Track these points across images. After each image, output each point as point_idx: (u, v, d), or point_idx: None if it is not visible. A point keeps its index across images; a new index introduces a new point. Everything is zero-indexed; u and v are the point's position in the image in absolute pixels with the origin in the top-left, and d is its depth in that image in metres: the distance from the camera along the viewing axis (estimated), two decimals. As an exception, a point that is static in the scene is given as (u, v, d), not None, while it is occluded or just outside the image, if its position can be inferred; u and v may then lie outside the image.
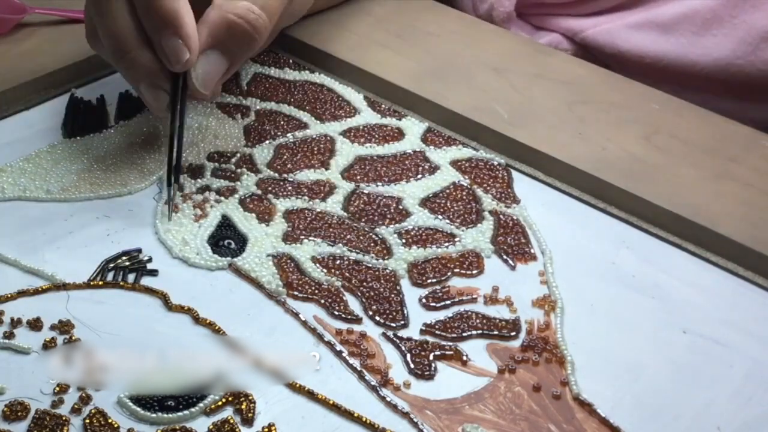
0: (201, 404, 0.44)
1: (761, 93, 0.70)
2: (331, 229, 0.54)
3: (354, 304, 0.50)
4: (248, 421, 0.44)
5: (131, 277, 0.51)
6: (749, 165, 0.59)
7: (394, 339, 0.48)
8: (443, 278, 0.52)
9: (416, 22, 0.71)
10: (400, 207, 0.56)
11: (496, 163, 0.60)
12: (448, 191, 0.58)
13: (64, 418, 0.43)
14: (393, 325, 0.49)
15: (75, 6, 0.70)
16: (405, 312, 0.50)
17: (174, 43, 0.53)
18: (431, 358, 0.47)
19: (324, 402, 0.45)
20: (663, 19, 0.72)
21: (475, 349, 0.48)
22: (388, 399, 0.45)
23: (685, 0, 0.72)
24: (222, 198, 0.56)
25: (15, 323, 0.48)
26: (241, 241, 0.53)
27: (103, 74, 0.66)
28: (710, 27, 0.70)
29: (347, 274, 0.52)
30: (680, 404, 0.45)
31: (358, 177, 0.58)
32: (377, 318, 0.49)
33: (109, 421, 0.43)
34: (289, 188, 0.57)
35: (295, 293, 0.50)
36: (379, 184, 0.58)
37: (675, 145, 0.60)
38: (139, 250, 0.52)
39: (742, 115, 0.64)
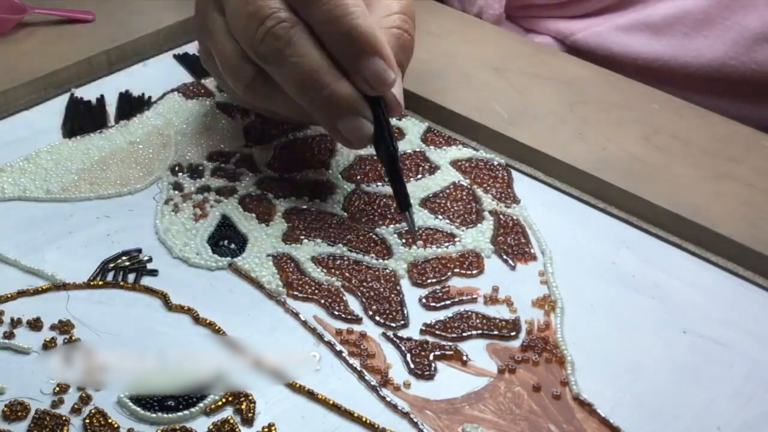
0: (201, 404, 0.44)
1: (755, 94, 0.70)
2: (331, 229, 0.54)
3: (354, 304, 0.50)
4: (248, 421, 0.44)
5: (131, 277, 0.51)
6: (749, 165, 0.59)
7: (394, 339, 0.48)
8: (443, 278, 0.52)
9: (416, 22, 0.71)
10: (400, 207, 0.56)
11: (496, 163, 0.60)
12: (448, 191, 0.58)
13: (64, 418, 0.43)
14: (393, 325, 0.49)
15: (75, 6, 0.70)
16: (405, 312, 0.50)
17: (378, 65, 0.51)
18: (431, 358, 0.47)
19: (324, 402, 0.45)
20: (653, 20, 0.72)
21: (475, 349, 0.48)
22: (388, 399, 0.45)
23: (676, 1, 0.72)
24: (222, 198, 0.56)
25: (15, 323, 0.48)
26: (241, 241, 0.53)
27: (103, 74, 0.66)
28: (701, 28, 0.70)
29: (347, 274, 0.52)
30: (680, 404, 0.45)
31: (358, 177, 0.58)
32: (377, 318, 0.49)
33: (109, 421, 0.43)
34: (289, 188, 0.57)
35: (295, 293, 0.50)
36: (379, 184, 0.58)
37: (675, 145, 0.60)
38: (139, 250, 0.52)
39: (737, 114, 0.64)
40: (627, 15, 0.74)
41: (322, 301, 0.50)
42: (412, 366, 0.47)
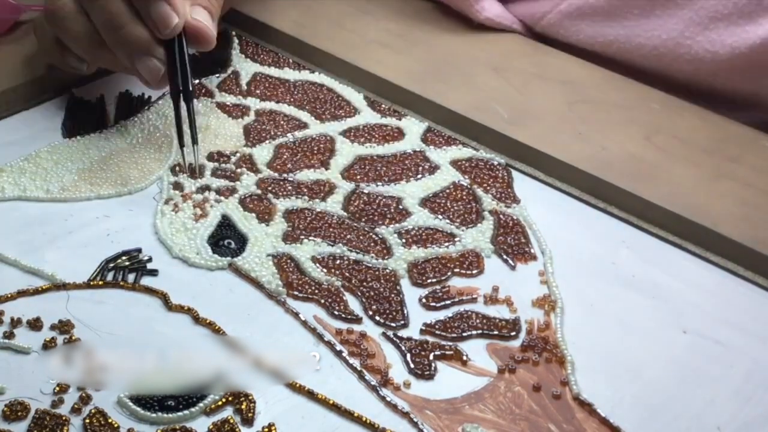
0: (201, 404, 0.44)
1: (708, 74, 0.69)
2: (331, 229, 0.54)
3: (354, 304, 0.50)
4: (248, 421, 0.44)
5: (131, 277, 0.51)
6: (749, 165, 0.59)
7: (394, 339, 0.48)
8: (443, 278, 0.52)
9: (416, 22, 0.71)
10: (400, 207, 0.56)
11: (496, 163, 0.60)
12: (448, 191, 0.58)
13: (64, 418, 0.43)
14: (393, 325, 0.49)
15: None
16: (405, 312, 0.50)
17: (162, 8, 0.55)
18: (431, 357, 0.47)
19: (324, 402, 0.45)
20: (600, 4, 0.70)
21: (475, 349, 0.48)
22: (388, 399, 0.45)
23: None
24: (222, 198, 0.56)
25: (15, 323, 0.48)
26: (241, 241, 0.53)
27: (103, 74, 0.66)
28: (654, 8, 0.69)
29: (347, 274, 0.52)
30: (680, 404, 0.45)
31: (358, 177, 0.58)
32: (377, 318, 0.49)
33: (109, 421, 0.43)
34: (289, 188, 0.57)
35: (295, 293, 0.50)
36: (379, 183, 0.58)
37: (675, 145, 0.60)
38: (139, 250, 0.52)
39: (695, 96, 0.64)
40: (568, 1, 0.72)
41: (322, 301, 0.50)
42: (412, 366, 0.47)
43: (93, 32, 0.57)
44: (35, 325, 0.47)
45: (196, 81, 0.65)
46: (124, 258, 0.52)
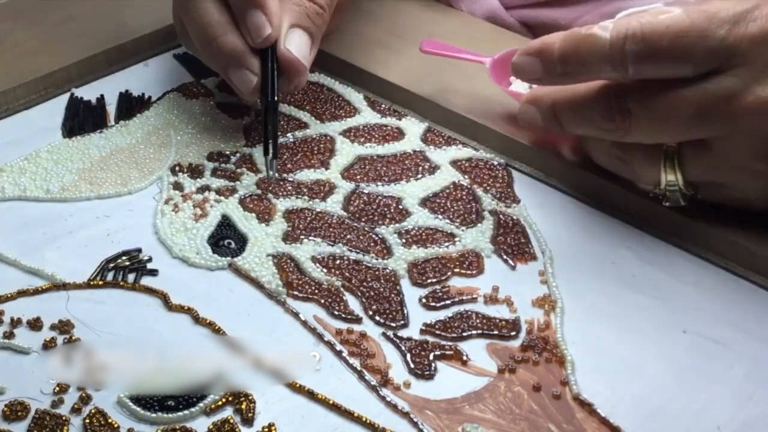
0: (201, 404, 0.44)
1: None
2: (331, 229, 0.54)
3: (354, 304, 0.50)
4: (248, 421, 0.44)
5: (131, 277, 0.51)
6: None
7: (394, 339, 0.48)
8: (443, 278, 0.52)
9: (416, 22, 0.71)
10: (400, 207, 0.56)
11: (496, 163, 0.60)
12: (448, 191, 0.58)
13: (64, 418, 0.43)
14: (393, 324, 0.49)
15: (73, 7, 0.70)
16: (405, 312, 0.50)
17: (257, 17, 0.56)
18: (431, 357, 0.47)
19: (324, 402, 0.45)
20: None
21: (475, 349, 0.48)
22: (388, 399, 0.45)
23: None
24: (222, 198, 0.56)
25: (15, 323, 0.48)
26: (241, 241, 0.53)
27: (103, 74, 0.66)
28: None
29: (347, 274, 0.52)
30: (680, 404, 0.45)
31: (358, 177, 0.58)
32: (377, 318, 0.49)
33: (109, 421, 0.43)
34: (289, 188, 0.57)
35: (295, 293, 0.50)
36: (379, 183, 0.58)
37: (675, 145, 0.60)
38: (139, 250, 0.52)
39: None
40: (594, 12, 0.72)
41: (322, 301, 0.50)
42: (412, 366, 0.47)
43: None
44: (35, 325, 0.47)
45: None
46: (124, 258, 0.52)
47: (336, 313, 0.49)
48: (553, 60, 0.52)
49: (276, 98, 0.57)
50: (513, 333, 0.49)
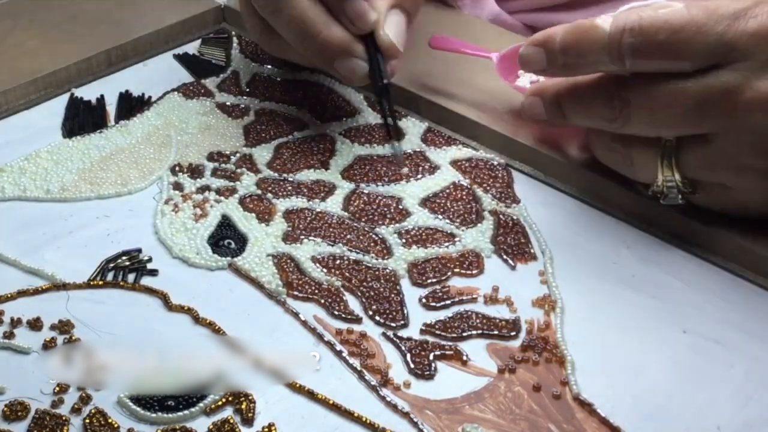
0: (201, 404, 0.44)
1: None
2: (331, 229, 0.54)
3: (354, 304, 0.50)
4: (248, 421, 0.44)
5: (131, 277, 0.51)
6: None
7: (394, 339, 0.48)
8: (443, 278, 0.52)
9: (416, 22, 0.71)
10: (400, 207, 0.56)
11: (496, 163, 0.60)
12: (448, 191, 0.58)
13: (64, 418, 0.43)
14: (393, 325, 0.49)
15: (74, 8, 0.70)
16: (405, 312, 0.50)
17: (359, 4, 0.56)
18: (431, 357, 0.47)
19: (324, 402, 0.45)
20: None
21: (475, 349, 0.48)
22: (388, 399, 0.45)
23: None
24: (222, 198, 0.56)
25: (15, 323, 0.48)
26: (241, 241, 0.53)
27: (103, 74, 0.66)
28: None
29: (347, 274, 0.52)
30: (680, 404, 0.45)
31: (358, 177, 0.58)
32: (377, 318, 0.49)
33: (109, 421, 0.43)
34: (289, 188, 0.57)
35: (295, 293, 0.50)
36: (379, 184, 0.58)
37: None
38: (139, 250, 0.52)
39: None
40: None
41: (322, 301, 0.50)
42: (412, 366, 0.47)
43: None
44: (35, 325, 0.47)
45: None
46: (124, 258, 0.52)
47: (336, 313, 0.49)
48: (555, 50, 0.52)
49: (387, 81, 0.57)
50: (513, 333, 0.49)
